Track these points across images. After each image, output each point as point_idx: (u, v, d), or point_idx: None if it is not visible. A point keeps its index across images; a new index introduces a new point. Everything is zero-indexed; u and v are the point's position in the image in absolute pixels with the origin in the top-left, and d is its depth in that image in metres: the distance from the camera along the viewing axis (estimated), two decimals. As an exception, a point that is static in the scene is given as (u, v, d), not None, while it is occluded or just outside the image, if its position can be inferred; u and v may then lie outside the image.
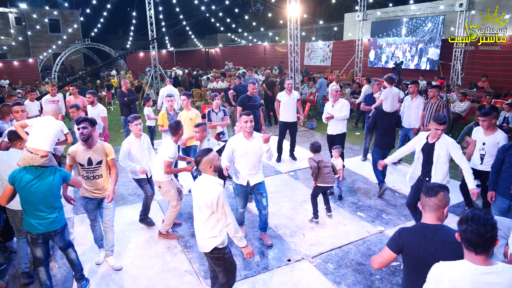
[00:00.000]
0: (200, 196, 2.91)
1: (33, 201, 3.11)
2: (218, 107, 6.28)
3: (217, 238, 2.94)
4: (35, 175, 3.10)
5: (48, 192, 3.15)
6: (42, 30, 26.73)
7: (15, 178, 3.08)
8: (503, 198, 3.86)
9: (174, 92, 8.90)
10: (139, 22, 20.70)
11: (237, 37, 29.83)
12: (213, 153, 2.99)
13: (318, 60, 21.84)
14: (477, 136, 4.60)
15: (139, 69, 23.47)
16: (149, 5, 15.15)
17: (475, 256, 1.79)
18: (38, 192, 3.09)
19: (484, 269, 1.76)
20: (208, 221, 2.93)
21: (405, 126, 6.80)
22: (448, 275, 1.81)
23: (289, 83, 7.15)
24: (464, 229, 1.77)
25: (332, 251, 4.28)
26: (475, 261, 1.79)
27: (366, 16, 17.22)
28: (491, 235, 1.74)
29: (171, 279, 3.85)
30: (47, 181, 3.13)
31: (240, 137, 4.16)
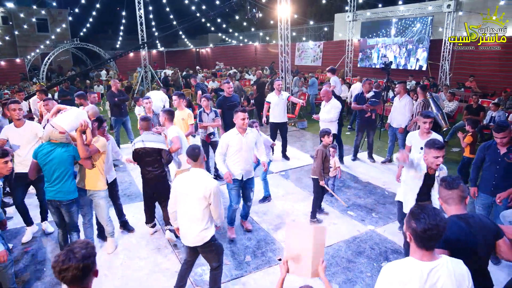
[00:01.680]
0: (197, 189, 2.99)
1: (49, 170, 3.66)
2: (210, 107, 6.27)
3: (210, 229, 3.12)
4: (52, 148, 3.64)
5: (60, 162, 3.65)
6: (29, 29, 26.34)
7: (36, 152, 3.67)
8: (486, 194, 3.99)
9: (151, 94, 8.79)
10: (129, 21, 20.49)
11: (228, 37, 29.80)
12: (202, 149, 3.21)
13: (309, 60, 21.94)
14: (413, 141, 4.61)
15: (129, 69, 23.29)
16: (139, 4, 15.04)
17: (426, 252, 1.78)
18: (52, 162, 3.63)
19: (431, 265, 1.77)
20: (203, 213, 3.05)
21: (393, 126, 6.99)
22: (398, 275, 1.80)
23: (279, 84, 7.18)
24: (427, 228, 1.72)
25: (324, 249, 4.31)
26: (424, 258, 1.78)
27: (356, 16, 17.35)
28: (444, 230, 1.75)
29: (162, 279, 3.83)
30: (59, 152, 3.65)
31: (234, 133, 4.22)
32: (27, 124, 4.53)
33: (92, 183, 3.98)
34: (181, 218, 3.17)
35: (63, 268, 1.69)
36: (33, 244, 4.59)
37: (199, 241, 3.12)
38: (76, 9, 19.98)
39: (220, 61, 26.17)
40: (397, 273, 1.80)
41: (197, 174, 3.10)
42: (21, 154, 4.45)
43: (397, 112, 6.88)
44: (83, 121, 3.68)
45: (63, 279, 1.71)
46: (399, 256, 4.14)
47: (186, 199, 3.08)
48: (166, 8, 20.06)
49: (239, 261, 4.12)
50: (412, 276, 1.76)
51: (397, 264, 1.85)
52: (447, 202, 2.24)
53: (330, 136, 4.86)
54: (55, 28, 25.88)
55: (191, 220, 3.09)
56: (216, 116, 6.27)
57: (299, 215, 5.15)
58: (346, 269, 3.94)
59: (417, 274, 1.76)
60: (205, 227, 3.08)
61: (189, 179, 3.08)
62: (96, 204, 4.07)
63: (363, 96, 7.30)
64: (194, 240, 3.13)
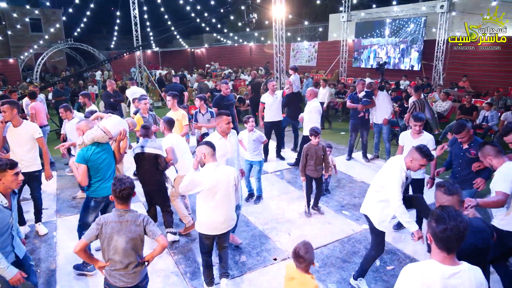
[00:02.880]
0: (230, 178, 3.34)
1: (105, 168, 3.79)
2: (206, 108, 6.26)
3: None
4: (102, 148, 3.78)
5: (111, 159, 3.89)
6: (23, 29, 26.11)
7: (87, 155, 3.67)
8: None
9: (141, 92, 8.74)
10: (124, 22, 20.40)
11: (223, 37, 29.76)
12: None
13: (303, 61, 21.99)
14: (405, 141, 4.63)
15: (123, 69, 23.17)
16: (133, 4, 14.98)
17: (447, 256, 1.79)
18: (107, 160, 3.81)
19: (452, 270, 1.78)
20: (234, 198, 3.46)
21: (377, 123, 7.22)
22: (420, 277, 1.80)
23: (273, 84, 7.20)
24: (444, 229, 1.74)
25: (318, 250, 4.32)
26: (445, 261, 1.79)
27: (350, 17, 17.42)
28: (465, 232, 1.75)
29: (156, 280, 3.82)
30: (109, 150, 3.88)
31: (217, 138, 4.04)
32: (24, 124, 4.49)
33: None
34: (217, 209, 3.32)
35: (122, 189, 2.56)
36: (26, 245, 4.55)
37: (232, 225, 3.50)
38: (70, 9, 19.82)
39: (215, 61, 26.15)
40: (418, 275, 1.81)
41: (223, 167, 3.42)
42: (17, 154, 4.41)
43: (378, 108, 7.14)
44: (123, 130, 3.89)
45: (121, 197, 2.58)
46: (393, 256, 4.17)
47: (222, 190, 3.28)
48: (161, 8, 20.00)
49: (234, 261, 4.13)
50: (434, 279, 1.76)
51: (419, 266, 1.85)
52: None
53: (318, 137, 4.94)
54: (49, 28, 25.68)
55: (229, 208, 3.39)
56: (212, 117, 6.25)
57: (294, 215, 5.16)
58: (340, 269, 3.96)
59: (439, 276, 1.77)
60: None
61: (223, 173, 3.31)
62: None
63: (356, 95, 7.34)
64: (227, 225, 3.44)
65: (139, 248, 2.66)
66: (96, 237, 2.58)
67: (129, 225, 2.58)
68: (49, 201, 5.72)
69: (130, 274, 2.63)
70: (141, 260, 2.68)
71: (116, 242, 2.56)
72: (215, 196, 3.28)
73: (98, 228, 2.57)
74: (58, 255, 4.29)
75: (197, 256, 4.24)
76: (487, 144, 3.17)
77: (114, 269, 2.61)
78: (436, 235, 1.78)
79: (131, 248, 2.59)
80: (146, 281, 2.83)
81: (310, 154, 4.94)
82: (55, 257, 4.25)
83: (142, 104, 6.11)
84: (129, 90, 9.24)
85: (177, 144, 4.55)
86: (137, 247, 2.64)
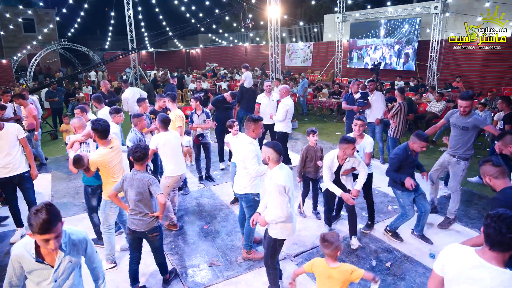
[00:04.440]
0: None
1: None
2: (201, 109, 6.24)
3: None
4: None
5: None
6: (15, 30, 25.86)
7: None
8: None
9: (131, 91, 8.64)
10: (118, 22, 20.31)
11: (218, 38, 29.71)
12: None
13: (299, 61, 22.02)
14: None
15: (118, 69, 23.04)
16: (127, 5, 14.92)
17: (487, 251, 1.82)
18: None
19: (481, 262, 1.82)
20: None
21: (370, 121, 7.27)
22: (455, 259, 1.92)
23: (268, 85, 7.17)
24: (487, 224, 1.82)
25: (314, 249, 4.33)
26: (483, 253, 1.84)
27: (345, 17, 17.48)
28: (506, 235, 1.76)
29: (152, 281, 3.80)
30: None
31: (255, 143, 3.98)
32: (7, 126, 4.40)
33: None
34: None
35: (135, 151, 3.31)
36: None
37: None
38: (63, 9, 19.66)
39: (210, 62, 26.08)
40: (454, 253, 1.95)
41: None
42: (4, 158, 4.34)
43: (372, 107, 7.22)
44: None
45: (135, 158, 3.31)
46: (389, 255, 4.19)
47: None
48: (155, 9, 19.93)
49: (230, 262, 4.12)
50: (461, 263, 1.88)
51: (460, 247, 1.96)
52: (497, 177, 2.68)
53: (315, 135, 4.96)
54: (42, 28, 25.48)
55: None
56: (208, 118, 6.24)
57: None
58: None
59: (466, 262, 1.87)
60: None
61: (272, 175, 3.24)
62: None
63: (351, 96, 7.36)
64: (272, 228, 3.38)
65: (146, 201, 3.32)
66: (121, 189, 3.39)
67: (138, 182, 3.30)
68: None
69: (138, 221, 3.35)
70: (150, 214, 3.35)
71: (130, 194, 3.33)
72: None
73: (121, 182, 3.40)
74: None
75: (193, 257, 4.23)
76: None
77: (130, 215, 3.39)
78: (484, 228, 1.86)
79: (138, 200, 3.31)
80: (157, 235, 3.46)
81: (310, 156, 4.90)
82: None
83: (145, 105, 6.22)
84: (128, 90, 9.08)
85: (167, 140, 4.60)
86: (144, 200, 3.32)
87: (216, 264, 4.08)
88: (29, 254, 2.13)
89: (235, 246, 4.44)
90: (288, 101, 6.59)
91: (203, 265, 4.09)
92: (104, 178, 3.90)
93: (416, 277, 3.78)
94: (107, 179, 3.88)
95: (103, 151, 3.79)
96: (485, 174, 2.79)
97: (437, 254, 4.12)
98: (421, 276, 3.79)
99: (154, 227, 3.40)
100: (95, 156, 3.79)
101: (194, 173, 6.77)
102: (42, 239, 1.99)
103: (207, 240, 4.60)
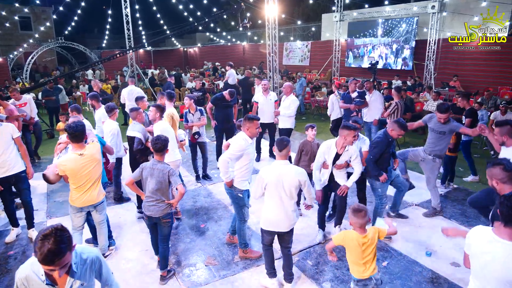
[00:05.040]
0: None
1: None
2: (195, 107, 6.23)
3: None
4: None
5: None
6: (12, 28, 25.71)
7: None
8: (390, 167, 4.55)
9: (139, 92, 8.81)
10: (115, 20, 20.22)
11: (216, 37, 29.67)
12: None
13: (296, 60, 22.02)
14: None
15: (115, 68, 22.96)
16: (125, 3, 14.85)
17: (502, 228, 2.06)
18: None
19: (494, 238, 2.06)
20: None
21: (367, 121, 7.30)
22: (475, 237, 2.19)
23: (264, 83, 7.15)
24: (501, 202, 2.05)
25: (311, 248, 4.34)
26: (497, 232, 2.08)
27: (343, 16, 17.48)
28: None
29: (148, 281, 3.79)
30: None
31: (249, 142, 3.95)
32: (1, 127, 4.38)
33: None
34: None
35: (155, 142, 3.51)
36: (16, 248, 4.49)
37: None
38: (60, 7, 19.53)
39: (208, 61, 26.05)
40: (474, 232, 2.23)
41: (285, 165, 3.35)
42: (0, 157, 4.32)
43: (370, 107, 7.22)
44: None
45: (155, 148, 3.52)
46: (386, 254, 4.19)
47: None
48: (153, 7, 19.86)
49: (227, 261, 4.11)
50: (479, 239, 2.16)
51: (481, 227, 2.24)
52: (506, 182, 2.66)
53: (314, 129, 4.97)
54: (39, 26, 25.35)
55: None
56: (202, 115, 6.24)
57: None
58: (334, 267, 3.96)
59: (482, 238, 2.14)
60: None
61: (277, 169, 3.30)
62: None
63: (349, 95, 7.37)
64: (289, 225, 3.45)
65: (164, 190, 3.54)
66: (139, 177, 3.60)
67: (158, 172, 3.50)
68: (39, 202, 5.65)
69: (154, 207, 3.54)
70: (167, 201, 3.56)
71: (149, 183, 3.54)
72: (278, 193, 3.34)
73: (140, 171, 3.59)
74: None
75: (190, 256, 4.22)
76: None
77: (146, 201, 3.60)
78: (498, 206, 2.10)
79: (157, 189, 3.51)
80: (169, 222, 3.66)
81: (305, 150, 4.93)
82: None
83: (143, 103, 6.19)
84: (126, 89, 9.17)
85: (165, 130, 4.68)
86: (162, 189, 3.53)
87: (212, 263, 4.07)
88: (38, 277, 1.89)
89: (231, 245, 4.44)
90: (294, 97, 6.81)
91: (200, 264, 4.08)
92: (70, 184, 3.69)
93: (412, 276, 3.79)
94: (71, 185, 3.69)
95: (70, 156, 3.59)
96: (493, 177, 2.74)
97: (433, 253, 4.16)
98: (418, 275, 3.80)
99: (167, 213, 3.60)
100: (60, 160, 3.65)
101: (191, 172, 6.75)
102: (46, 269, 1.79)
103: (204, 239, 4.60)
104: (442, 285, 3.65)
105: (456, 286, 3.63)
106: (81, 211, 3.78)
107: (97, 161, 3.71)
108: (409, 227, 4.78)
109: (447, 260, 4.03)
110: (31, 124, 7.48)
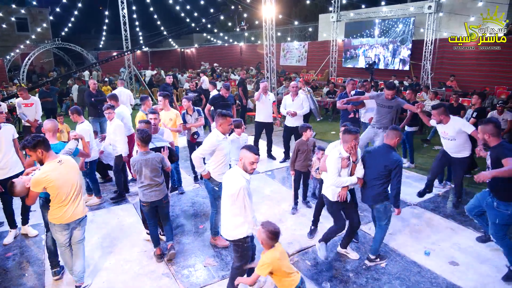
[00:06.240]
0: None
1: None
2: (192, 108, 6.23)
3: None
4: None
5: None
6: (9, 29, 25.59)
7: None
8: None
9: (126, 93, 8.78)
10: (112, 21, 20.16)
11: (213, 37, 29.65)
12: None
13: (294, 61, 22.05)
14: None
15: (112, 69, 22.89)
16: (122, 4, 14.83)
17: None
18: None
19: None
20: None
21: (365, 121, 7.22)
22: None
23: (265, 85, 7.21)
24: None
25: (309, 249, 4.34)
26: None
27: (340, 17, 17.52)
28: None
29: (147, 282, 3.78)
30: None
31: (221, 137, 4.12)
32: (3, 128, 4.42)
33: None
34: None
35: (142, 134, 3.85)
36: (14, 249, 4.47)
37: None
38: (57, 8, 19.47)
39: (205, 61, 26.01)
40: None
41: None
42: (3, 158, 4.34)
43: (367, 107, 7.15)
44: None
45: (143, 140, 3.84)
46: (384, 254, 4.20)
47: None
48: (150, 8, 19.82)
49: (226, 261, 4.11)
50: None
51: None
52: (495, 135, 3.46)
53: (311, 130, 5.08)
54: (36, 27, 25.24)
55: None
56: (200, 115, 6.23)
57: (285, 214, 5.17)
58: (331, 268, 3.97)
59: None
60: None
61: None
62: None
63: (346, 95, 7.36)
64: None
65: (158, 174, 3.92)
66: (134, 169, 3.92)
67: (151, 161, 3.87)
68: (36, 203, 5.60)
69: (155, 191, 3.92)
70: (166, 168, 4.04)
71: (145, 172, 3.86)
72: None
73: (133, 167, 3.91)
74: (47, 258, 4.21)
75: (188, 257, 4.22)
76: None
77: (147, 190, 3.91)
78: None
79: (154, 176, 3.89)
80: (168, 202, 4.16)
81: (301, 149, 5.04)
82: (44, 260, 4.18)
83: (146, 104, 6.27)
84: (116, 90, 9.15)
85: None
86: (157, 174, 3.92)
87: (211, 264, 4.07)
88: None
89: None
90: (303, 95, 7.03)
91: (199, 265, 4.08)
92: (52, 200, 3.36)
93: (410, 276, 3.80)
94: (54, 202, 3.35)
95: (49, 167, 3.25)
96: (486, 132, 3.51)
97: (432, 252, 4.17)
98: (416, 275, 3.81)
99: (166, 194, 4.04)
100: (38, 174, 3.22)
101: (189, 172, 6.75)
102: None
103: (203, 240, 4.59)
104: (440, 285, 3.66)
105: (455, 285, 3.64)
106: (68, 228, 3.48)
107: (76, 168, 3.52)
108: (407, 227, 4.80)
109: (445, 260, 4.05)
110: (34, 126, 7.42)
